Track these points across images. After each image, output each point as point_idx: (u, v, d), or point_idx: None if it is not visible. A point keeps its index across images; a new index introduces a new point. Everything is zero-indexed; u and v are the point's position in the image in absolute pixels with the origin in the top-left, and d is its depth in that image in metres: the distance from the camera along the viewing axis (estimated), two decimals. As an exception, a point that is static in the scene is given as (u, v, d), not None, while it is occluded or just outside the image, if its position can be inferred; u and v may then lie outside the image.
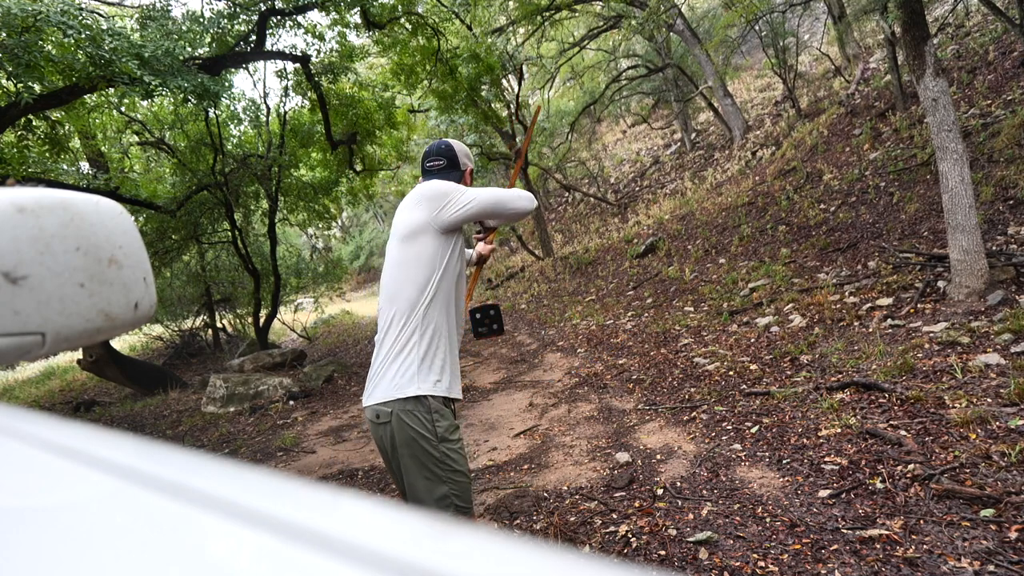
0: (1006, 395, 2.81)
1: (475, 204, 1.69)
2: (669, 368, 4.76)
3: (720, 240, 8.31)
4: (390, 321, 1.64)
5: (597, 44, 16.46)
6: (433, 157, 1.85)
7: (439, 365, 1.62)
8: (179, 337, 12.11)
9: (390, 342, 1.63)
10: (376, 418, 1.63)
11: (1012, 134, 6.07)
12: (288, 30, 8.43)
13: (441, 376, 1.62)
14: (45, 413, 0.38)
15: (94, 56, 4.73)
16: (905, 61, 5.97)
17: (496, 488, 3.21)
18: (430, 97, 11.17)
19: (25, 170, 6.26)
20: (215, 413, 6.46)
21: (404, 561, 0.18)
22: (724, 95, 13.05)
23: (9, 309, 0.44)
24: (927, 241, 5.45)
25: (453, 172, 1.86)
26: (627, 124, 20.67)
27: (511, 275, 13.23)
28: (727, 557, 2.18)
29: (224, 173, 8.55)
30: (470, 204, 1.68)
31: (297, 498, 0.24)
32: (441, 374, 1.63)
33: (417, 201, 1.69)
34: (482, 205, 1.70)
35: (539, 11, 11.39)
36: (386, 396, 1.59)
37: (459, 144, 1.89)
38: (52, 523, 0.23)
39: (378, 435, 1.65)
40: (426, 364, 1.60)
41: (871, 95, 9.92)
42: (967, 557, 1.91)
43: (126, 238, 0.54)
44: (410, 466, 1.59)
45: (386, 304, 1.68)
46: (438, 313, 1.64)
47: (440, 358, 1.63)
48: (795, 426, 3.16)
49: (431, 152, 1.86)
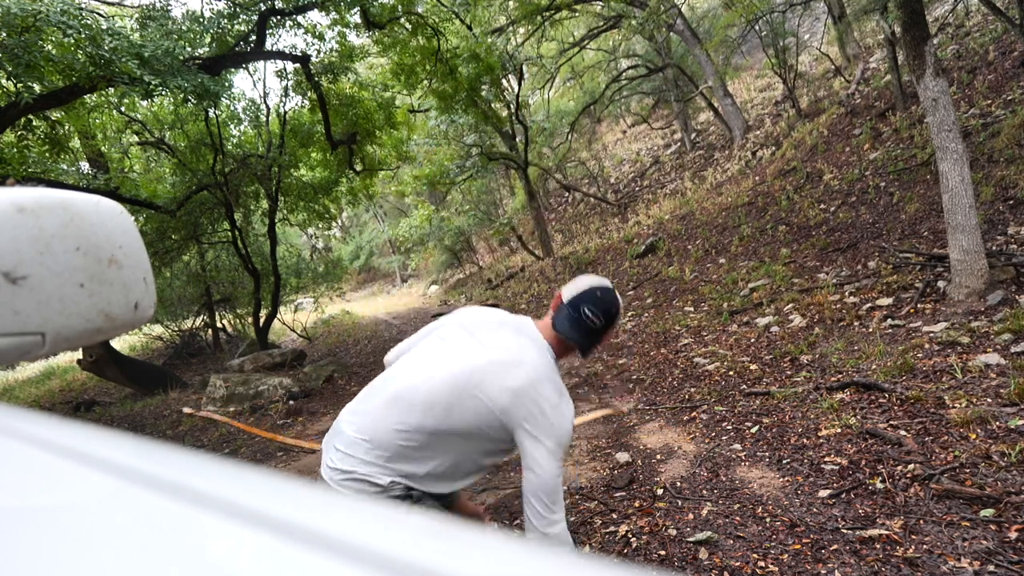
0: (1006, 395, 2.81)
1: (540, 474, 1.22)
2: (669, 368, 4.76)
3: (720, 240, 8.30)
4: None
5: (597, 44, 16.46)
6: (600, 312, 1.34)
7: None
8: (179, 337, 12.11)
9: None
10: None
11: (1012, 134, 6.07)
12: (288, 30, 8.43)
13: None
14: (45, 413, 0.38)
15: (94, 56, 4.73)
16: (905, 61, 5.97)
17: (496, 488, 3.21)
18: (430, 97, 11.17)
19: (25, 170, 6.26)
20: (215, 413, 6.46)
21: (404, 561, 0.18)
22: (724, 95, 13.05)
23: (9, 309, 0.44)
24: (927, 241, 5.45)
25: (600, 339, 1.39)
26: (627, 124, 20.67)
27: (511, 275, 13.23)
28: (727, 557, 2.18)
29: (224, 173, 8.55)
30: (538, 466, 1.22)
31: (297, 498, 0.24)
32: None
33: (525, 377, 1.25)
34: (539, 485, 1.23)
35: (539, 11, 11.39)
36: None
37: (621, 309, 1.42)
38: (52, 523, 0.23)
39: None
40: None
41: (871, 95, 9.92)
42: (967, 557, 1.91)
43: (126, 238, 0.54)
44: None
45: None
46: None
47: None
48: (795, 426, 3.15)
49: (602, 303, 1.35)
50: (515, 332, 1.38)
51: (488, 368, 1.28)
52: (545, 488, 1.20)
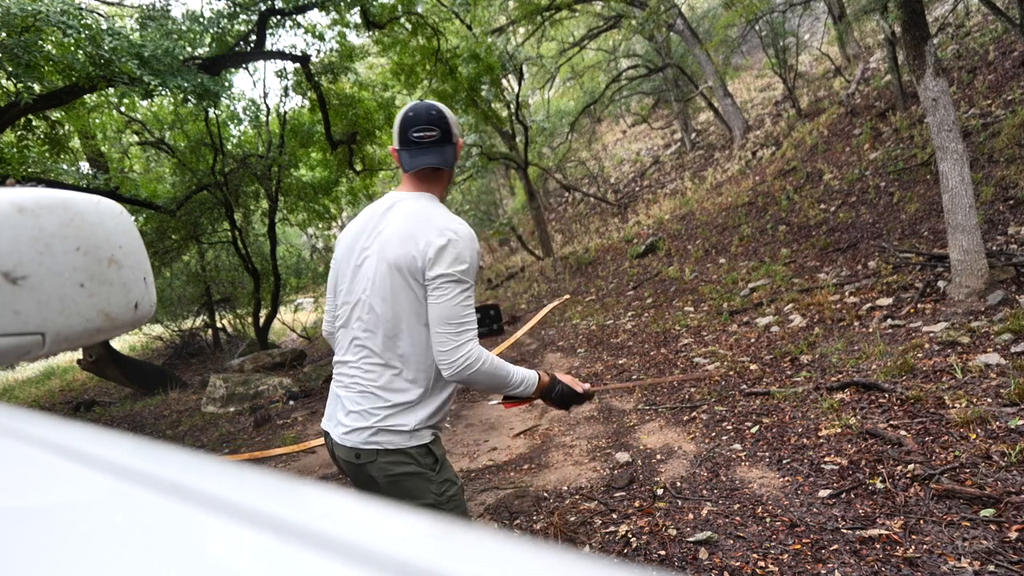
0: (1006, 395, 2.81)
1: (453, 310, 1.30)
2: (669, 368, 4.76)
3: (720, 240, 8.31)
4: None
5: (597, 44, 16.46)
6: (424, 127, 1.41)
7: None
8: (179, 337, 12.11)
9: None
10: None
11: (1012, 134, 6.07)
12: (288, 30, 8.46)
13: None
14: (45, 413, 0.38)
15: (94, 56, 4.73)
16: (905, 61, 5.97)
17: (496, 488, 3.21)
18: (430, 97, 11.17)
19: (25, 170, 6.26)
20: (215, 413, 6.46)
21: (404, 561, 0.18)
22: (724, 95, 13.05)
23: (9, 309, 0.44)
24: (927, 241, 5.45)
25: (448, 147, 1.44)
26: (627, 124, 20.67)
27: (511, 275, 13.23)
28: (727, 557, 2.18)
29: (224, 173, 8.56)
30: (457, 303, 1.31)
31: (297, 498, 0.24)
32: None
33: (437, 234, 1.32)
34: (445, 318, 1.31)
35: (539, 11, 11.39)
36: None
37: (450, 112, 1.48)
38: (52, 523, 0.23)
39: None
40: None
41: (871, 95, 9.92)
42: (967, 557, 1.91)
43: (126, 238, 0.54)
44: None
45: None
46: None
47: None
48: (795, 426, 3.15)
49: (420, 118, 1.41)
50: (389, 210, 1.44)
51: (397, 245, 1.36)
52: (448, 316, 1.29)
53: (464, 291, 1.31)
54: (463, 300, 1.30)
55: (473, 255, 1.34)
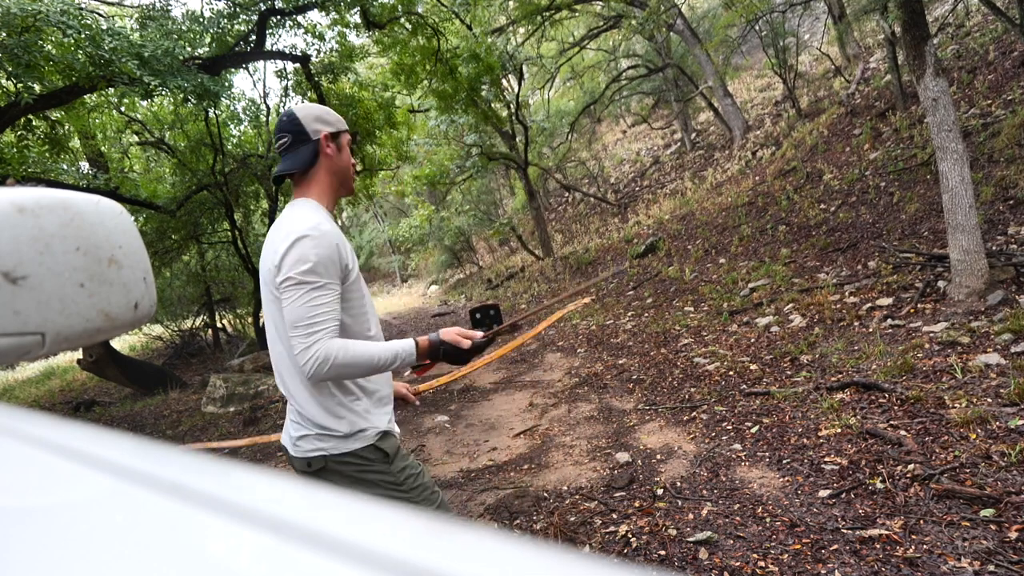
0: (1006, 395, 2.81)
1: (289, 310, 1.27)
2: (669, 368, 4.76)
3: (720, 240, 8.31)
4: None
5: (597, 44, 16.46)
6: (279, 135, 1.42)
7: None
8: (179, 337, 12.11)
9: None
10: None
11: (1012, 134, 6.07)
12: (288, 30, 8.44)
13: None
14: (45, 413, 0.38)
15: (94, 56, 4.73)
16: (905, 61, 5.97)
17: (496, 488, 3.21)
18: (430, 97, 11.17)
19: (25, 170, 6.26)
20: (215, 413, 6.46)
21: (404, 561, 0.18)
22: (724, 95, 13.05)
23: (9, 309, 0.44)
24: (927, 241, 5.45)
25: (303, 149, 1.41)
26: (627, 124, 20.67)
27: (511, 275, 13.23)
28: (727, 557, 2.18)
29: (224, 173, 8.56)
30: (289, 302, 1.27)
31: (297, 498, 0.24)
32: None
33: (283, 239, 1.30)
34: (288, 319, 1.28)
35: (539, 11, 11.39)
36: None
37: (309, 107, 1.44)
38: (52, 523, 0.23)
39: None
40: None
41: (871, 95, 9.92)
42: (967, 557, 1.91)
43: (126, 238, 0.54)
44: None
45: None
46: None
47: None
48: (795, 426, 3.16)
49: (279, 126, 1.43)
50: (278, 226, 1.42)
51: (263, 262, 1.38)
52: (294, 319, 1.26)
53: (309, 291, 1.26)
54: (308, 301, 1.26)
55: (321, 251, 1.28)
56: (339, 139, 1.46)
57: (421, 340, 1.38)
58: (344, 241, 1.36)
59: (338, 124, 1.46)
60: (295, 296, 1.26)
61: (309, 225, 1.30)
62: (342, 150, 1.46)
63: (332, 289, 1.29)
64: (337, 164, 1.45)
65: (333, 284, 1.30)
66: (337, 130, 1.45)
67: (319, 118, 1.43)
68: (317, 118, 1.43)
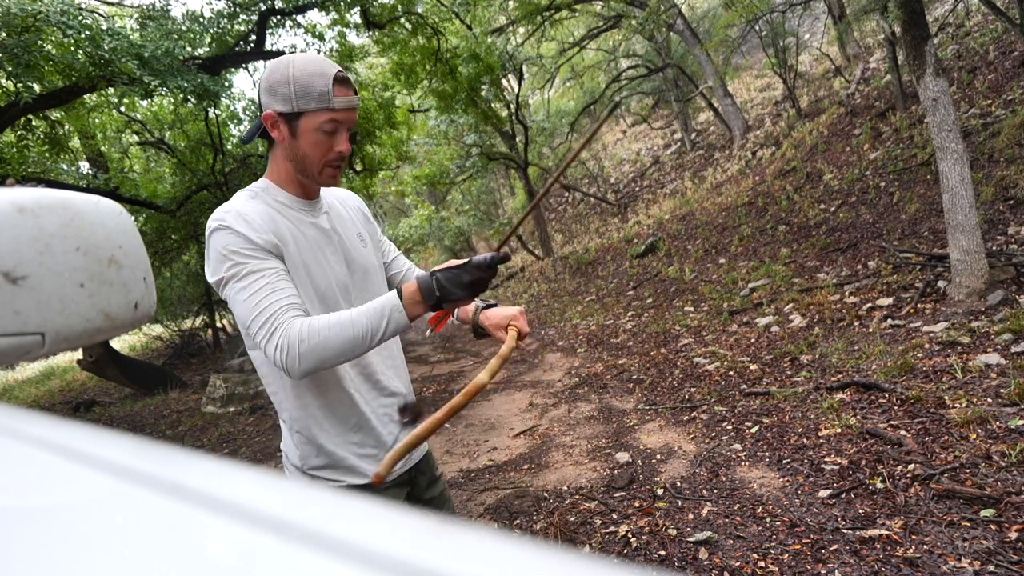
0: (1006, 395, 2.81)
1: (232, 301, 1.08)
2: (669, 368, 4.76)
3: (720, 240, 8.30)
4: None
5: (597, 44, 16.46)
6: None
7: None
8: (179, 337, 12.11)
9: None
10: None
11: (1012, 134, 6.07)
12: (288, 30, 8.45)
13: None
14: (45, 413, 0.38)
15: (94, 56, 4.74)
16: (905, 61, 5.97)
17: (496, 488, 3.21)
18: (430, 97, 11.16)
19: (25, 170, 6.26)
20: (215, 413, 6.46)
21: (404, 561, 0.18)
22: (724, 95, 13.05)
23: (9, 309, 0.44)
24: (927, 241, 5.45)
25: (256, 121, 1.19)
26: (627, 124, 20.67)
27: (511, 275, 13.23)
28: (727, 557, 2.18)
29: (224, 173, 8.56)
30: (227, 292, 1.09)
31: (297, 498, 0.24)
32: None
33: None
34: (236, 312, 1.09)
35: (539, 11, 11.39)
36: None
37: (279, 68, 1.12)
38: (52, 523, 0.23)
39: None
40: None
41: (871, 95, 9.92)
42: (967, 557, 1.91)
43: (126, 238, 0.54)
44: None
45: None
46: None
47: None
48: (795, 426, 3.16)
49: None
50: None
51: None
52: (242, 319, 1.07)
53: (234, 284, 1.06)
54: (240, 293, 1.05)
55: (221, 240, 1.07)
56: (297, 122, 1.12)
57: (407, 288, 1.09)
58: (267, 216, 1.12)
59: (298, 102, 1.09)
60: (233, 295, 1.07)
61: (218, 216, 1.09)
62: (300, 136, 1.13)
63: (264, 268, 1.07)
64: (291, 151, 1.15)
65: (262, 262, 1.07)
66: (294, 110, 1.10)
67: (271, 89, 1.11)
68: (270, 88, 1.11)
